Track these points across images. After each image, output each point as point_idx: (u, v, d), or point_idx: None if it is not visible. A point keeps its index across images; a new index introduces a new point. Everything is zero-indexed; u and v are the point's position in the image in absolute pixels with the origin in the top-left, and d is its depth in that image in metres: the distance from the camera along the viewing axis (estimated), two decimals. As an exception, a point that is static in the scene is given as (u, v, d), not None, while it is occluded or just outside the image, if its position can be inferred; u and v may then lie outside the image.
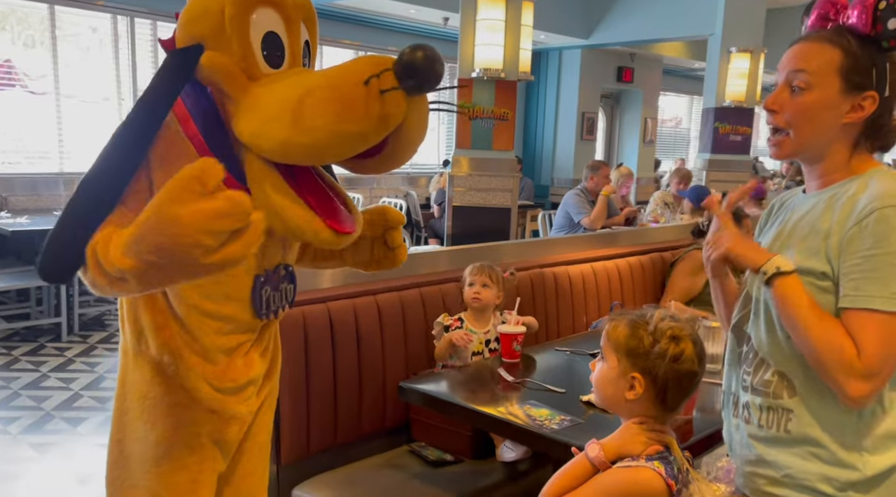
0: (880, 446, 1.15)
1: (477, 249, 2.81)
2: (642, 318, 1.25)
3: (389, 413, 2.23)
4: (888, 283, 1.08)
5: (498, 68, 4.49)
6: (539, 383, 1.95)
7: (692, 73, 10.72)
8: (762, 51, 6.33)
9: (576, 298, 2.89)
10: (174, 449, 1.24)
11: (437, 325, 2.27)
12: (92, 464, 2.94)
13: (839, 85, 1.15)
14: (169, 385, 1.23)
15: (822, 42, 1.17)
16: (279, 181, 1.15)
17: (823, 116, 1.16)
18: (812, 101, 1.16)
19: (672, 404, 1.23)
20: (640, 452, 1.22)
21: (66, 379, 3.94)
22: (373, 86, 1.03)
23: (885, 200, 1.10)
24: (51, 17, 5.49)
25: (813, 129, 1.17)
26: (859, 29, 1.14)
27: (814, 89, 1.16)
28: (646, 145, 10.02)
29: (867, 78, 1.15)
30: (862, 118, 1.16)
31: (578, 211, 4.85)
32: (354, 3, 6.68)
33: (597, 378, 1.29)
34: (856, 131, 1.18)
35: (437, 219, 6.87)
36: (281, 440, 2.00)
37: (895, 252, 1.08)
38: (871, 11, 1.12)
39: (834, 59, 1.15)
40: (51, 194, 5.50)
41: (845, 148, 1.19)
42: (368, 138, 1.07)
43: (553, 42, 8.18)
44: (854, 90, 1.15)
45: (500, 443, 2.13)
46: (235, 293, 1.24)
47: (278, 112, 1.08)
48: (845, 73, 1.14)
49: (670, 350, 1.20)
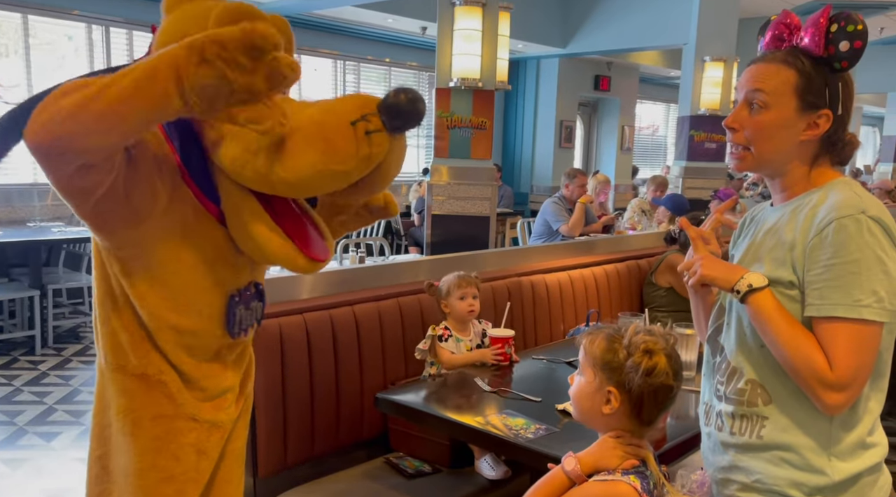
0: (850, 452, 1.17)
1: (455, 259, 2.82)
2: (618, 332, 1.26)
3: (367, 423, 2.23)
4: (850, 291, 1.12)
5: (475, 78, 4.52)
6: (515, 392, 1.96)
7: (668, 81, 10.85)
8: (735, 59, 6.43)
9: (553, 306, 2.91)
10: (160, 460, 1.24)
11: (427, 338, 2.26)
12: (66, 479, 2.89)
13: (795, 104, 1.20)
14: (151, 396, 1.23)
15: (777, 63, 1.21)
16: (257, 208, 1.16)
17: (781, 134, 1.21)
18: (770, 120, 1.21)
19: (648, 418, 1.24)
20: (616, 466, 1.22)
21: (40, 393, 3.88)
22: (359, 127, 1.05)
23: (843, 211, 1.14)
24: (24, 25, 5.43)
25: (772, 147, 1.22)
26: (813, 51, 1.19)
27: (771, 109, 1.20)
28: (623, 153, 10.12)
29: (821, 97, 1.20)
30: (818, 135, 1.21)
31: (556, 219, 4.89)
32: (333, 13, 6.69)
33: (574, 392, 1.30)
34: (813, 147, 1.22)
35: (417, 227, 6.88)
36: (258, 453, 1.99)
37: (854, 260, 1.12)
38: (824, 34, 1.17)
39: (790, 79, 1.20)
40: (24, 205, 5.42)
41: (804, 162, 1.23)
42: (351, 176, 1.09)
43: (531, 51, 8.24)
44: (809, 109, 1.20)
45: (479, 452, 2.14)
46: (207, 309, 1.25)
47: (262, 145, 1.09)
48: (801, 93, 1.19)
49: (643, 364, 1.20)
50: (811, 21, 1.18)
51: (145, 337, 1.22)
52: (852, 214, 1.13)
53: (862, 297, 1.11)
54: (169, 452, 1.25)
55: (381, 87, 8.09)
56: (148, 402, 1.23)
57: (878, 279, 1.12)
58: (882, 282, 1.12)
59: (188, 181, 1.20)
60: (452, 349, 2.25)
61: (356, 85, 7.81)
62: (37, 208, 5.45)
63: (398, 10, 6.42)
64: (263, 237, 1.16)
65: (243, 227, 1.17)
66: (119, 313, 1.22)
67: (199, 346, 1.25)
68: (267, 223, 1.16)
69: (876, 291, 1.11)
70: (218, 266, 1.25)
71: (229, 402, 1.34)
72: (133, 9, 5.83)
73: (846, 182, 1.22)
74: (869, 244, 1.12)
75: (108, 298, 1.23)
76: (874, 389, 1.20)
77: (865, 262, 1.12)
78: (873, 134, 16.50)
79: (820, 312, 1.13)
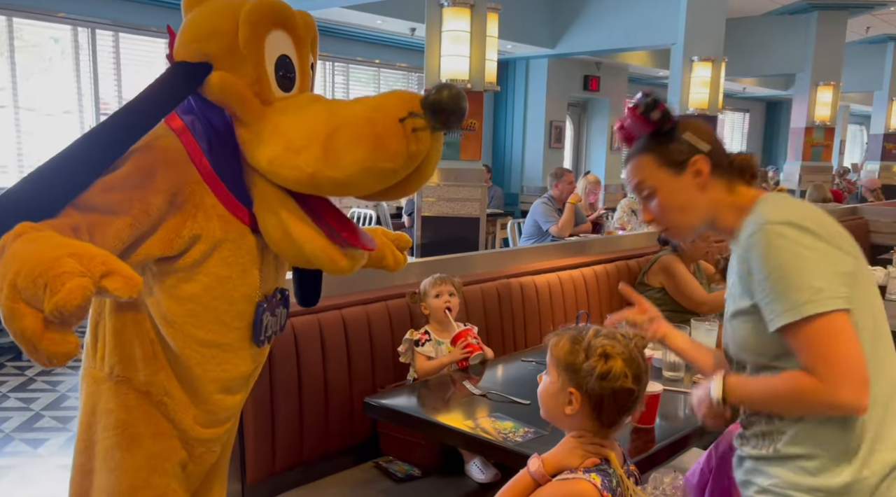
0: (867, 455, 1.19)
1: (445, 261, 2.81)
2: (582, 334, 1.27)
3: (356, 428, 2.22)
4: (786, 296, 1.16)
5: (464, 79, 4.52)
6: (504, 395, 1.96)
7: (657, 81, 10.89)
8: (723, 59, 6.46)
9: (542, 308, 2.91)
10: (154, 478, 1.22)
11: (405, 342, 2.26)
12: (53, 487, 2.87)
13: (670, 172, 1.34)
14: (151, 415, 1.21)
15: (636, 155, 1.38)
16: (295, 207, 1.14)
17: (681, 200, 1.34)
18: (665, 198, 1.35)
19: (608, 420, 1.25)
20: (578, 465, 1.24)
21: (27, 399, 3.84)
22: (407, 124, 1.05)
23: (749, 230, 1.23)
24: (9, 27, 5.38)
25: (684, 213, 1.35)
26: (645, 132, 1.36)
27: (658, 189, 1.35)
28: (613, 153, 10.14)
29: (681, 154, 1.33)
30: (707, 175, 1.33)
31: (546, 220, 4.89)
32: (322, 14, 6.66)
33: (541, 391, 1.32)
34: (714, 184, 1.33)
35: (407, 229, 6.87)
36: (246, 458, 1.98)
37: (776, 267, 1.18)
38: (640, 118, 1.34)
39: (651, 161, 1.35)
40: (10, 209, 5.37)
41: (720, 199, 1.34)
42: (398, 174, 1.08)
43: (520, 52, 8.25)
44: (682, 167, 1.33)
45: (468, 455, 2.13)
46: (235, 322, 1.22)
47: (306, 142, 1.07)
48: (665, 163, 1.34)
49: (598, 368, 1.21)
50: (627, 118, 1.37)
51: (156, 354, 1.19)
52: (756, 231, 1.21)
53: (799, 296, 1.15)
54: (164, 470, 1.23)
55: (371, 89, 8.07)
56: (148, 419, 1.21)
57: (811, 274, 1.16)
58: (816, 275, 1.16)
59: (215, 187, 1.16)
60: (431, 353, 2.24)
61: (345, 86, 7.79)
62: (23, 212, 5.40)
63: (387, 11, 6.40)
64: (305, 237, 1.13)
65: (281, 227, 1.13)
66: (138, 326, 1.18)
67: (223, 359, 1.22)
68: (308, 223, 1.14)
69: (812, 285, 1.15)
70: (249, 277, 1.22)
71: (232, 424, 1.34)
72: (119, 11, 5.79)
73: (763, 199, 1.30)
74: (783, 248, 1.18)
75: (128, 309, 1.19)
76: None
77: (787, 266, 1.17)
78: (860, 132, 16.62)
79: (774, 325, 1.18)
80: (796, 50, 8.43)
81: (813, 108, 8.28)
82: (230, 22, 1.12)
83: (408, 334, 2.27)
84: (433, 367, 2.22)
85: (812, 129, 8.34)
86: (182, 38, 1.17)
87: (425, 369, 2.22)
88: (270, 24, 1.15)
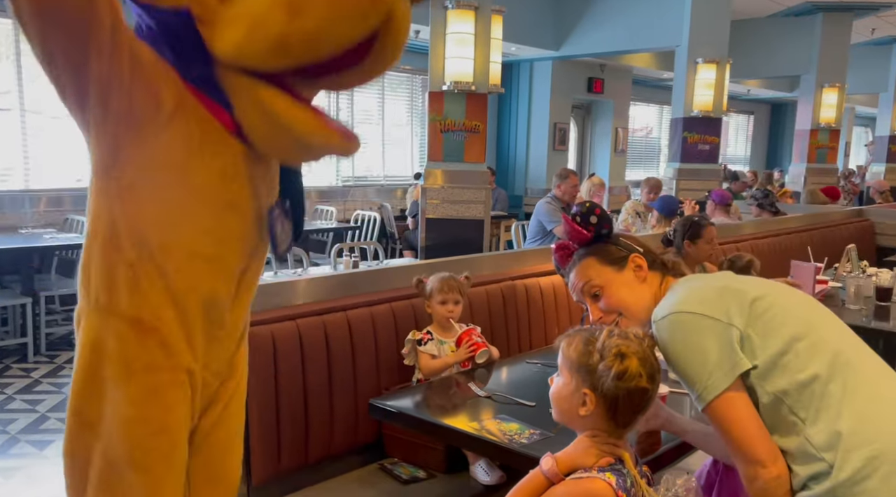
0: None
1: (450, 263, 2.81)
2: (594, 335, 1.28)
3: (361, 429, 2.22)
4: (693, 382, 1.29)
5: (468, 81, 4.53)
6: (510, 397, 1.96)
7: (661, 83, 10.88)
8: (728, 61, 6.46)
9: (548, 310, 2.91)
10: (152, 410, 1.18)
11: (407, 342, 2.26)
12: (60, 487, 2.87)
13: (613, 269, 1.51)
14: (144, 344, 1.16)
15: (579, 261, 1.56)
16: (275, 90, 1.08)
17: (626, 293, 1.49)
18: (610, 293, 1.50)
19: (623, 420, 1.25)
20: (592, 464, 1.23)
21: (33, 400, 3.85)
22: None
23: (654, 324, 1.35)
24: (16, 31, 5.40)
25: (630, 305, 1.48)
26: (586, 239, 1.55)
27: (603, 287, 1.51)
28: (617, 155, 10.14)
29: (621, 251, 1.53)
30: (647, 270, 1.51)
31: (550, 220, 4.89)
32: (325, 17, 6.67)
33: (553, 393, 1.32)
34: (653, 278, 1.51)
35: (412, 231, 6.87)
36: (251, 460, 1.98)
37: (677, 354, 1.30)
38: (580, 227, 1.54)
39: (595, 261, 1.53)
40: (16, 212, 5.39)
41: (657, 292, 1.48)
42: (369, 18, 1.03)
43: (524, 54, 8.25)
44: (623, 263, 1.51)
45: (473, 457, 2.13)
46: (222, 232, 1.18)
47: (268, 9, 1.02)
48: (608, 261, 1.52)
49: (615, 367, 1.22)
50: (567, 232, 1.58)
51: (147, 274, 1.14)
52: (653, 330, 1.34)
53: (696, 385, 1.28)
54: (162, 404, 1.19)
55: (374, 92, 8.08)
56: (141, 350, 1.16)
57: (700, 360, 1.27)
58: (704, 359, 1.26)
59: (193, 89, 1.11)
60: (434, 352, 2.25)
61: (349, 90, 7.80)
62: (28, 215, 5.42)
63: (391, 13, 6.40)
64: (290, 114, 1.08)
65: (265, 112, 1.08)
66: (119, 247, 1.14)
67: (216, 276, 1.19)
68: (291, 101, 1.08)
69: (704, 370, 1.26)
70: (234, 186, 1.16)
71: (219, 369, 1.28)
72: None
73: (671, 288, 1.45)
74: (672, 341, 1.31)
75: (108, 231, 1.14)
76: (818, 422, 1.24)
77: (680, 358, 1.30)
78: (865, 134, 16.57)
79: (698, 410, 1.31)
80: (801, 52, 8.42)
81: (818, 110, 8.27)
82: None
83: (410, 335, 2.27)
84: (438, 366, 2.22)
85: (817, 131, 8.32)
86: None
87: (430, 368, 2.22)
88: None
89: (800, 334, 1.27)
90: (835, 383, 1.23)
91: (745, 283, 1.38)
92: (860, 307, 3.08)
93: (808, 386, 1.24)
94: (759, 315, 1.28)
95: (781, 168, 11.76)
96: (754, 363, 1.26)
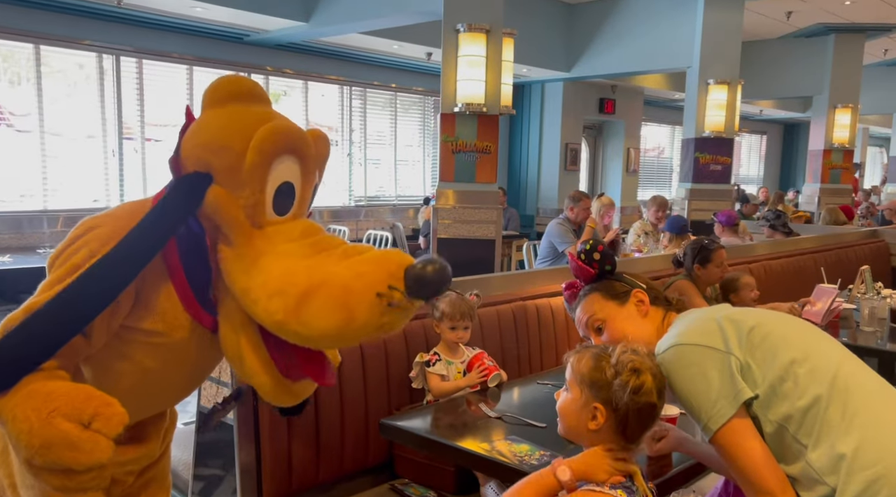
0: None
1: (460, 283, 2.82)
2: (605, 351, 1.30)
3: (372, 449, 2.22)
4: (698, 412, 1.29)
5: (480, 103, 4.57)
6: (520, 418, 1.95)
7: (673, 103, 10.90)
8: (739, 82, 6.47)
9: (558, 331, 2.90)
10: None
11: (415, 365, 2.27)
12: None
13: (616, 304, 1.57)
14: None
15: (584, 297, 1.62)
16: (256, 337, 1.14)
17: (629, 327, 1.53)
18: (613, 327, 1.55)
19: (632, 436, 1.27)
20: (604, 480, 1.24)
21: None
22: (384, 299, 1.04)
23: (657, 357, 1.35)
24: (36, 55, 5.53)
25: (632, 336, 1.47)
26: (590, 275, 1.62)
27: (606, 321, 1.56)
28: (629, 175, 10.14)
29: (623, 287, 1.59)
30: (649, 305, 1.57)
31: (562, 241, 4.89)
32: (340, 40, 6.78)
33: (560, 407, 1.33)
34: (655, 313, 1.56)
35: (423, 250, 6.89)
36: (263, 479, 1.98)
37: (682, 386, 1.31)
38: (586, 266, 1.61)
39: (598, 297, 1.60)
40: (34, 232, 5.47)
41: (659, 327, 1.53)
42: (360, 341, 1.13)
43: (535, 75, 8.31)
44: (626, 297, 1.57)
45: (484, 478, 2.12)
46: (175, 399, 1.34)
47: (282, 289, 1.06)
48: (611, 296, 1.58)
49: (631, 382, 1.23)
50: (572, 269, 1.65)
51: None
52: (659, 364, 1.34)
53: (701, 416, 1.28)
54: None
55: (387, 112, 8.17)
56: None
57: (704, 391, 1.28)
58: (707, 388, 1.27)
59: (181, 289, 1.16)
60: (443, 372, 2.25)
61: (362, 110, 7.88)
62: (46, 235, 5.50)
63: (404, 36, 6.50)
64: (255, 369, 1.15)
65: (238, 352, 1.16)
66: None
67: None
68: (263, 356, 1.15)
69: (708, 400, 1.27)
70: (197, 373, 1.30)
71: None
72: (143, 38, 5.93)
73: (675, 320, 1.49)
74: (675, 373, 1.31)
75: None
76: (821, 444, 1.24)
77: (685, 390, 1.30)
78: (880, 154, 16.48)
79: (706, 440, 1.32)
80: (813, 72, 8.42)
81: (831, 130, 8.25)
82: (241, 142, 1.10)
83: (417, 358, 2.27)
84: (449, 389, 2.22)
85: (830, 151, 8.29)
86: (191, 140, 1.15)
87: (441, 389, 2.23)
88: (280, 152, 1.13)
89: (798, 360, 1.28)
90: (834, 407, 1.23)
91: (743, 314, 1.39)
92: (875, 329, 3.05)
93: (808, 411, 1.24)
94: (757, 344, 1.30)
95: (797, 189, 11.71)
96: (756, 392, 1.27)
